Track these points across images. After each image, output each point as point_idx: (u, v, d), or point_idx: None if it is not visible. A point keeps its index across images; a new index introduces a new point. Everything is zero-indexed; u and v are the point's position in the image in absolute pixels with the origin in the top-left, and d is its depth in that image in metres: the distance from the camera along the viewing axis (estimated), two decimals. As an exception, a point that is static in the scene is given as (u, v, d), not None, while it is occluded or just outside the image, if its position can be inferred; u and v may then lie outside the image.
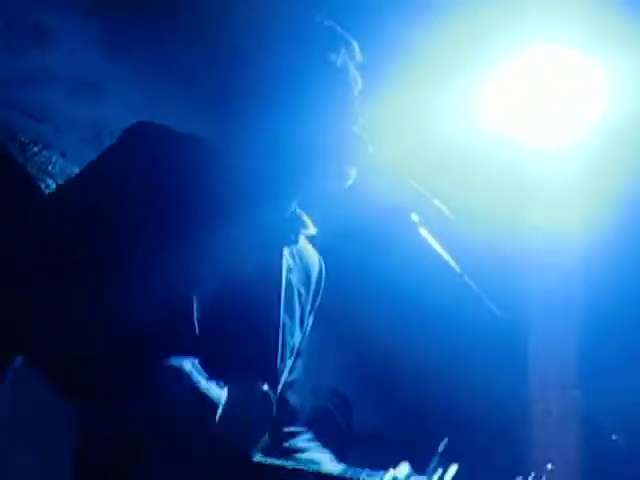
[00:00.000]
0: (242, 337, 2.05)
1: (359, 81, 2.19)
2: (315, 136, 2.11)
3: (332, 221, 2.36)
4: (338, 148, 2.13)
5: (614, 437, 4.20)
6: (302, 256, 2.29)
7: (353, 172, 2.13)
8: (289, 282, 2.21)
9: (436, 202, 2.16)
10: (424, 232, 2.23)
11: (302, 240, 2.28)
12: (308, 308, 2.31)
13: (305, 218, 2.24)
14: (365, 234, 3.30)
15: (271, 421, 2.02)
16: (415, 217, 2.20)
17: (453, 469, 2.07)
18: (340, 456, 2.39)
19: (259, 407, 1.98)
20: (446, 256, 2.23)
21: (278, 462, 2.03)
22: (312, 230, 2.25)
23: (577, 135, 4.16)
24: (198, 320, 1.97)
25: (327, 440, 2.44)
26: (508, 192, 4.17)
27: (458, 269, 2.23)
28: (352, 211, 2.47)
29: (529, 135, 4.14)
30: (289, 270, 2.21)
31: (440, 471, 2.08)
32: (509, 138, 4.13)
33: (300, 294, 2.25)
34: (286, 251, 2.21)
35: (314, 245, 2.36)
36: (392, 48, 3.25)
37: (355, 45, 2.19)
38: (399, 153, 2.19)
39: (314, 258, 2.35)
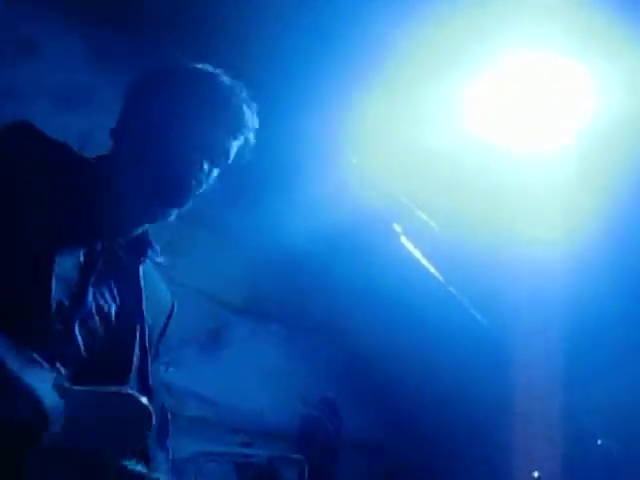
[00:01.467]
0: (107, 357, 2.08)
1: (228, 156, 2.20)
2: (162, 158, 2.13)
3: (317, 231, 2.37)
4: (182, 169, 2.14)
5: (599, 442, 4.22)
6: (151, 286, 2.28)
7: (174, 212, 2.16)
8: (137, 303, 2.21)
9: (419, 213, 2.18)
10: (406, 242, 2.25)
11: (150, 268, 2.29)
12: (155, 341, 2.30)
13: (152, 242, 2.26)
14: (349, 243, 3.32)
15: (149, 430, 2.06)
16: (397, 227, 2.23)
17: None
18: (330, 462, 2.41)
19: (138, 416, 2.03)
20: (428, 265, 2.26)
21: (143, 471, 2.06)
22: (160, 259, 2.28)
23: (562, 142, 4.15)
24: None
25: (317, 446, 2.45)
26: (492, 199, 4.17)
27: (441, 278, 2.25)
28: (336, 221, 2.49)
29: (513, 142, 4.12)
30: (134, 293, 2.22)
31: None
32: (493, 145, 4.10)
33: (150, 330, 2.24)
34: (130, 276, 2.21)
35: (161, 273, 2.36)
36: (376, 52, 3.25)
37: (247, 124, 2.20)
38: (382, 160, 2.21)
39: (164, 295, 2.34)
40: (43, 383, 1.92)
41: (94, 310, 2.08)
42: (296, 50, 3.56)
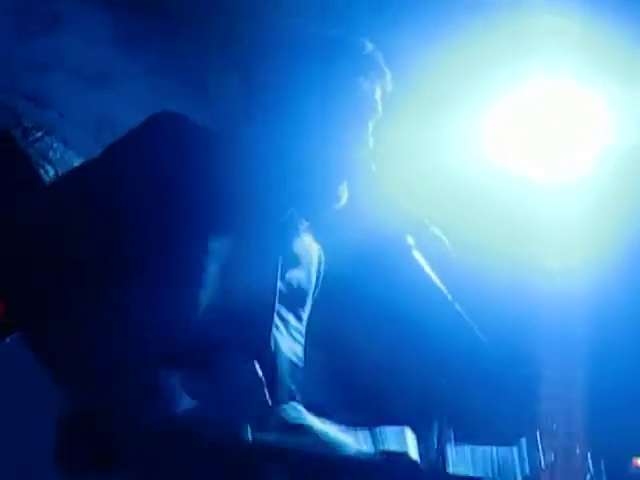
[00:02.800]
0: (235, 326, 2.06)
1: (379, 110, 2.19)
2: (320, 150, 2.12)
3: (328, 240, 2.36)
4: (339, 167, 2.14)
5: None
6: (301, 249, 2.29)
7: (344, 196, 2.14)
8: (289, 282, 2.22)
9: (434, 229, 2.16)
10: (418, 255, 2.24)
11: (303, 233, 2.29)
12: (307, 304, 2.32)
13: (302, 225, 2.25)
14: (357, 253, 3.30)
15: (265, 403, 2.03)
16: (410, 240, 2.21)
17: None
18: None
19: (250, 389, 1.99)
20: (438, 282, 2.24)
21: (273, 439, 2.01)
22: (309, 224, 2.29)
23: (580, 170, 4.14)
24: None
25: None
26: (508, 226, 4.15)
27: (449, 296, 2.24)
28: (347, 230, 2.47)
29: (531, 168, 4.11)
30: (287, 262, 2.22)
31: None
32: (510, 171, 4.10)
33: (292, 294, 2.25)
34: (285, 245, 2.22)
35: (314, 237, 2.36)
36: (394, 77, 3.24)
37: (388, 75, 2.19)
38: (399, 183, 2.21)
39: (314, 251, 2.36)
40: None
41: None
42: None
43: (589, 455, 4.00)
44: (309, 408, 2.32)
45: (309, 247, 2.35)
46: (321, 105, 2.11)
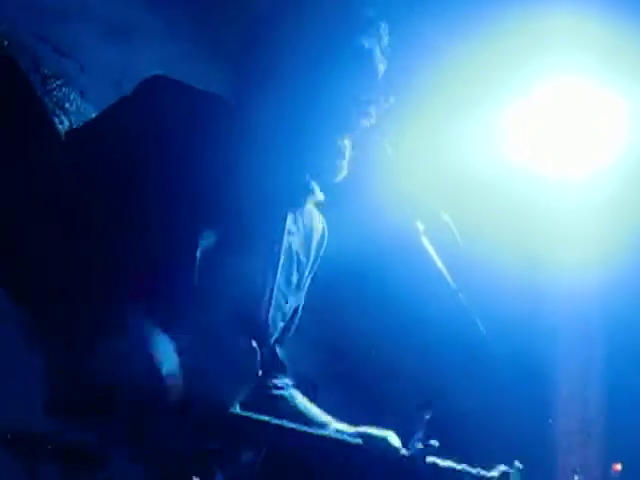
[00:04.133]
0: (235, 294, 2.09)
1: (383, 64, 2.20)
2: (331, 112, 2.13)
3: (330, 221, 2.37)
4: (347, 124, 2.15)
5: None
6: (305, 221, 2.33)
7: (343, 168, 2.16)
8: (289, 246, 2.24)
9: (445, 217, 2.17)
10: (425, 241, 2.24)
11: (308, 205, 2.31)
12: (306, 273, 2.35)
13: (313, 185, 2.26)
14: (365, 237, 3.32)
15: (256, 374, 2.07)
16: (420, 225, 2.21)
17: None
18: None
19: (244, 359, 2.03)
20: (443, 270, 2.25)
21: (258, 416, 2.04)
22: (320, 196, 2.29)
23: (597, 168, 4.15)
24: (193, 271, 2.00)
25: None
26: (525, 223, 4.16)
27: (453, 285, 2.24)
28: (357, 213, 2.48)
29: (548, 166, 4.13)
30: (290, 233, 2.25)
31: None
32: (528, 169, 4.11)
33: (299, 261, 2.29)
34: (290, 216, 2.24)
35: (320, 211, 2.39)
36: (414, 78, 3.24)
37: (384, 28, 2.19)
38: (417, 181, 2.21)
39: (318, 224, 2.39)
40: (165, 347, 1.91)
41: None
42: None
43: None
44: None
45: (315, 220, 2.38)
46: (329, 68, 2.13)
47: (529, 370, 4.01)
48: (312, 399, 2.43)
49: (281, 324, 2.29)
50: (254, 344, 2.03)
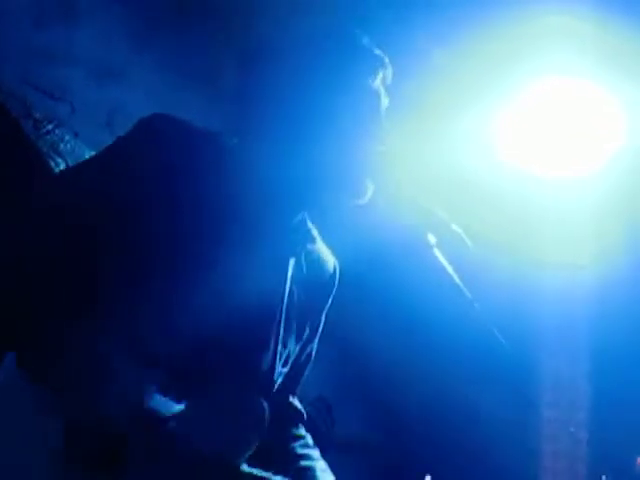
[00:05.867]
0: (238, 345, 2.00)
1: (386, 102, 2.16)
2: (333, 148, 2.08)
3: (348, 239, 2.34)
4: (355, 163, 2.10)
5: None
6: (314, 261, 2.24)
7: (370, 189, 2.10)
8: (291, 292, 2.16)
9: (454, 227, 2.13)
10: (438, 254, 2.20)
11: (318, 243, 2.25)
12: (314, 315, 2.27)
13: (313, 230, 2.21)
14: (376, 250, 3.29)
15: (264, 430, 1.98)
16: (432, 238, 2.18)
17: None
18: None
19: (252, 416, 1.95)
20: (458, 280, 2.21)
21: (263, 474, 1.97)
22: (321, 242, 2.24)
23: (592, 168, 4.14)
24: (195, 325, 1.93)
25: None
26: (520, 224, 4.15)
27: (469, 295, 2.20)
28: (368, 227, 2.44)
29: (544, 167, 4.12)
30: (292, 280, 2.16)
31: None
32: (523, 169, 4.11)
33: (301, 304, 2.19)
34: (292, 260, 2.16)
35: (329, 248, 2.32)
36: (406, 78, 3.23)
37: (389, 67, 2.16)
38: (412, 183, 2.18)
39: (328, 262, 2.30)
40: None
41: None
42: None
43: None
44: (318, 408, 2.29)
45: (325, 257, 2.30)
46: (330, 104, 2.07)
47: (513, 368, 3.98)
48: (327, 418, 2.37)
49: (283, 370, 2.19)
50: (263, 402, 1.97)
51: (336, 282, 2.33)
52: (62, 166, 4.02)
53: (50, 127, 4.05)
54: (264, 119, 2.09)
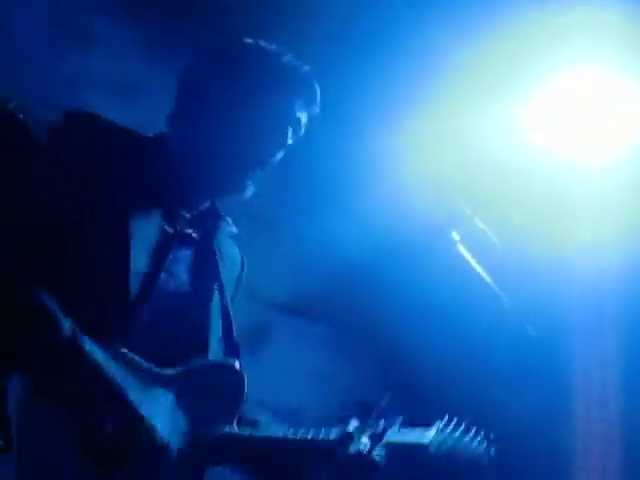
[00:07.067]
0: (179, 332, 2.15)
1: (300, 128, 2.22)
2: (230, 147, 2.21)
3: (373, 236, 2.36)
4: (234, 169, 2.23)
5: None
6: (225, 251, 2.38)
7: (250, 189, 2.23)
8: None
9: (478, 222, 2.14)
10: (463, 250, 2.22)
11: (225, 236, 2.38)
12: (229, 302, 2.39)
13: (223, 214, 2.35)
14: (403, 249, 3.31)
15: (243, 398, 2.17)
16: (455, 235, 2.19)
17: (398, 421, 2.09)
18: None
19: (231, 380, 2.15)
20: (484, 275, 2.22)
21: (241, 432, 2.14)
22: (233, 229, 2.38)
23: (620, 152, 4.15)
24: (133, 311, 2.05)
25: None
26: (550, 207, 4.17)
27: (496, 288, 2.21)
28: (393, 226, 2.47)
29: (573, 152, 4.15)
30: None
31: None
32: (552, 155, 4.13)
33: (230, 293, 2.36)
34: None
35: (235, 240, 2.44)
36: (438, 65, 3.26)
37: (317, 94, 2.24)
38: (442, 168, 2.19)
39: (236, 254, 2.44)
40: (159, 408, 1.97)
41: (167, 291, 2.13)
42: (358, 58, 3.57)
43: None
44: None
45: (232, 248, 2.43)
46: (235, 112, 2.20)
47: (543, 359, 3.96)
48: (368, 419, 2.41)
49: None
50: (237, 365, 2.15)
51: (244, 276, 2.47)
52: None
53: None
54: (179, 119, 2.27)
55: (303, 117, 2.24)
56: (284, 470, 2.18)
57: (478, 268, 2.22)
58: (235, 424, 2.16)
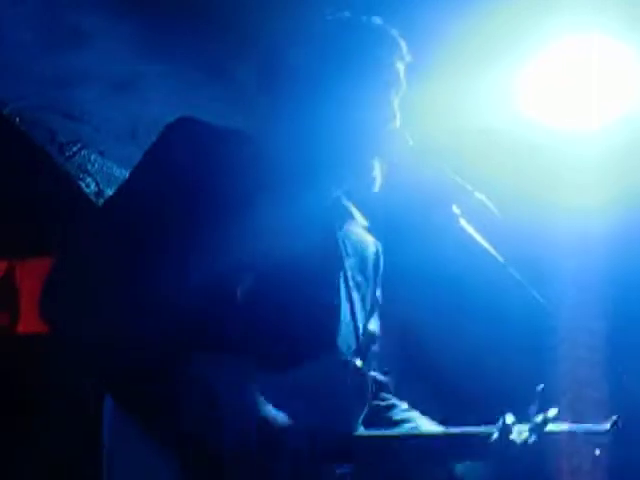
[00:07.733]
0: (302, 323, 2.05)
1: (404, 81, 2.19)
2: (352, 129, 2.12)
3: (372, 213, 2.36)
4: (374, 142, 2.14)
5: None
6: (355, 243, 2.29)
7: (385, 168, 2.14)
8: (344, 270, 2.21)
9: (478, 194, 2.15)
10: (465, 224, 2.22)
11: (355, 227, 2.30)
12: (369, 294, 2.32)
13: (352, 208, 2.27)
14: (405, 226, 3.30)
15: (370, 394, 2.08)
16: (456, 209, 2.19)
17: (554, 411, 2.00)
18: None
19: (355, 380, 2.03)
20: (488, 247, 2.22)
21: (383, 432, 2.06)
22: (363, 221, 2.30)
23: (610, 118, 4.14)
24: (250, 308, 1.98)
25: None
26: (541, 174, 4.17)
27: (501, 259, 2.21)
28: (393, 203, 2.46)
29: (564, 120, 4.14)
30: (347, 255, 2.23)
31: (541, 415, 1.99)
32: (544, 123, 4.13)
33: (357, 283, 2.25)
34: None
35: (369, 232, 2.37)
36: (428, 35, 3.23)
37: (404, 45, 2.18)
38: (435, 139, 2.19)
39: (369, 243, 2.35)
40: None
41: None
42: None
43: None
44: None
45: (365, 239, 2.35)
46: (347, 83, 2.11)
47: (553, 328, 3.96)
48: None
49: (353, 346, 2.20)
50: (358, 363, 2.04)
51: (381, 264, 2.38)
52: (92, 185, 4.09)
53: (75, 149, 4.11)
54: (283, 107, 2.16)
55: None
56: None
57: (482, 241, 2.22)
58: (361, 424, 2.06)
